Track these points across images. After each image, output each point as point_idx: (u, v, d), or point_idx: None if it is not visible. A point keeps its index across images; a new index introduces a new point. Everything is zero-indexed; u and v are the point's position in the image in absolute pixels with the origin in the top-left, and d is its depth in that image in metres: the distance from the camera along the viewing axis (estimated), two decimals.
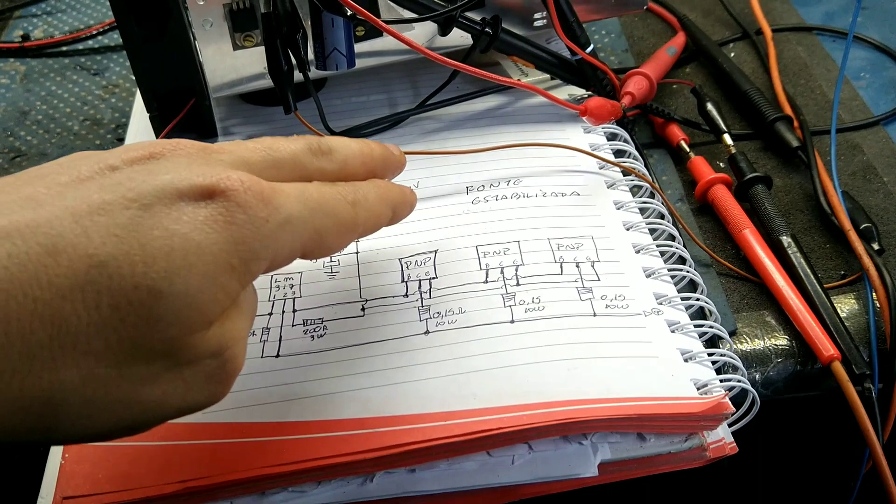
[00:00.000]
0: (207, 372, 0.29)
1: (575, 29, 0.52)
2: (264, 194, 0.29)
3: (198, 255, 0.27)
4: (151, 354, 0.27)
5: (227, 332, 0.29)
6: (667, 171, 0.54)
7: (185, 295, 0.27)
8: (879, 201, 0.51)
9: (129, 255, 0.26)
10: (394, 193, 0.38)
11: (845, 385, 0.41)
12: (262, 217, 0.29)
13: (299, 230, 0.31)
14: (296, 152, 0.34)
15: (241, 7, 0.47)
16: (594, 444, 0.37)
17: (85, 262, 0.26)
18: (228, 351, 0.29)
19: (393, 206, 0.38)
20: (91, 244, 0.26)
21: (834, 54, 0.64)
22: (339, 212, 0.33)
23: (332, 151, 0.35)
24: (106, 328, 0.26)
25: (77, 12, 0.72)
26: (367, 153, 0.38)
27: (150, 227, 0.27)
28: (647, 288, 0.42)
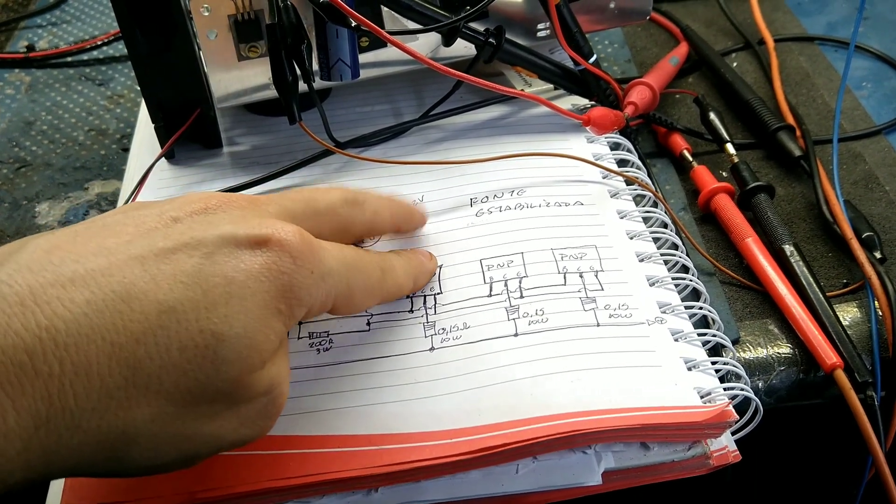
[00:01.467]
0: (259, 409, 0.31)
1: (578, 39, 0.52)
2: (310, 245, 0.32)
3: (253, 301, 0.30)
4: (216, 394, 0.29)
5: (277, 371, 0.31)
6: (670, 180, 0.54)
7: (244, 337, 0.29)
8: (881, 210, 0.51)
9: (193, 301, 0.29)
10: (416, 266, 0.42)
11: (848, 393, 0.41)
12: (308, 268, 0.32)
13: (335, 284, 0.34)
14: (332, 203, 0.37)
15: (245, 18, 0.48)
16: (598, 453, 0.37)
17: (155, 307, 0.28)
18: (277, 388, 0.32)
19: (415, 278, 0.42)
20: (160, 290, 0.28)
21: (836, 64, 0.64)
22: (370, 274, 0.37)
23: (365, 203, 0.39)
24: (176, 370, 0.28)
25: (82, 23, 0.73)
26: (395, 206, 0.42)
27: (212, 273, 0.29)
28: (650, 297, 0.43)
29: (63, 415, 0.26)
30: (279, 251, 0.31)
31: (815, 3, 0.71)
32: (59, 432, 0.26)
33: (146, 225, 0.31)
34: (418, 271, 0.42)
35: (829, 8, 0.71)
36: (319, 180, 0.51)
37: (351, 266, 0.35)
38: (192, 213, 0.32)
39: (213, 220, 0.32)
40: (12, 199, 0.55)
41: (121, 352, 0.27)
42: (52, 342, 0.26)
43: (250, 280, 0.30)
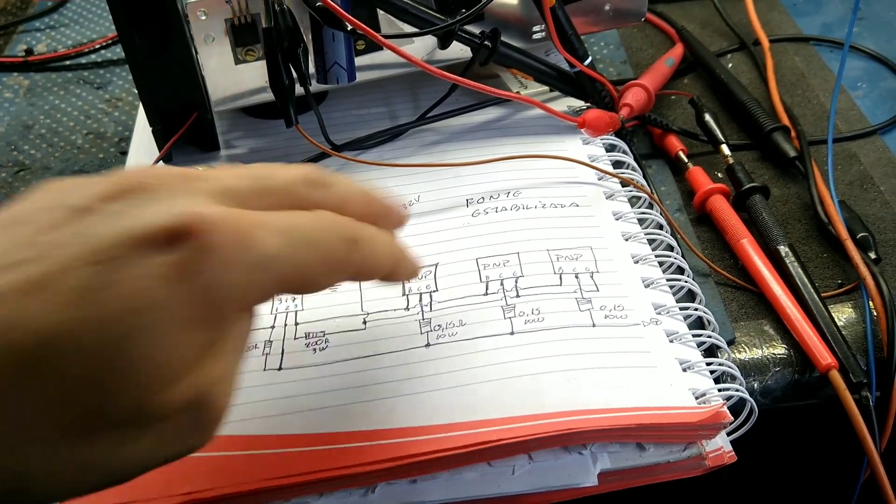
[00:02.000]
0: (183, 424, 0.27)
1: (573, 42, 0.52)
2: (239, 231, 0.27)
3: (158, 313, 0.25)
4: (114, 422, 0.26)
5: (201, 380, 0.27)
6: (665, 181, 0.54)
7: (142, 359, 0.25)
8: (876, 210, 0.51)
9: (83, 322, 0.24)
10: (399, 253, 0.35)
11: (843, 393, 0.41)
12: (235, 259, 0.27)
13: (279, 269, 0.28)
14: (290, 182, 0.31)
15: (242, 22, 0.48)
16: (594, 454, 0.38)
17: (33, 339, 0.24)
18: (205, 397, 0.27)
19: (395, 262, 0.34)
20: (45, 315, 0.24)
21: (831, 64, 0.64)
22: (332, 250, 0.30)
23: (333, 185, 0.32)
24: (63, 403, 0.25)
25: (80, 26, 0.73)
26: (371, 196, 0.35)
27: (108, 284, 0.25)
28: (645, 298, 0.43)
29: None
30: (196, 245, 0.26)
31: (811, 4, 0.71)
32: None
33: (44, 225, 0.26)
34: (401, 258, 0.35)
35: (825, 8, 0.71)
36: None
37: (302, 242, 0.29)
38: (105, 200, 0.27)
39: (123, 211, 0.27)
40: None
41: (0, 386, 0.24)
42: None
43: (157, 288, 0.25)
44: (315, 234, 0.30)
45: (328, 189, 0.32)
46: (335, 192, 0.32)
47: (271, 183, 0.30)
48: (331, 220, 0.31)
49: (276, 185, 0.31)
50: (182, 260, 0.26)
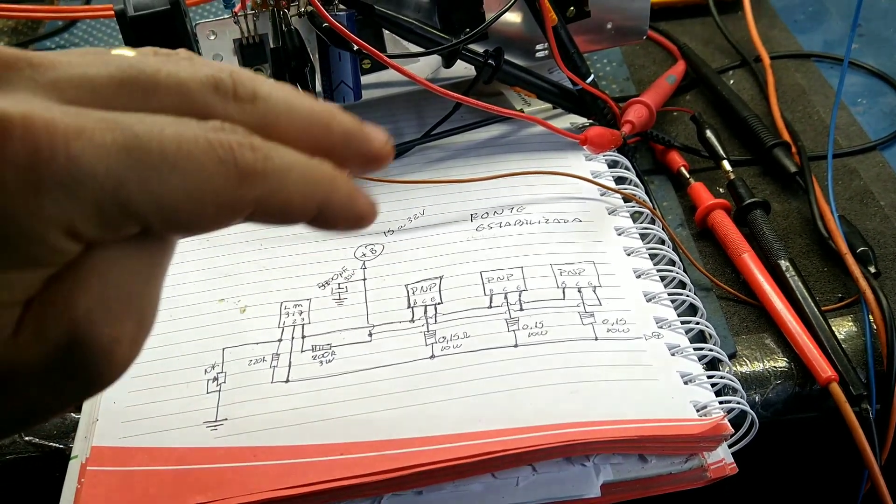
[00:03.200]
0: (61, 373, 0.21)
1: (575, 60, 0.53)
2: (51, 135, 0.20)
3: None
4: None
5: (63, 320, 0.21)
6: (667, 197, 0.55)
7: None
8: (876, 225, 0.52)
9: None
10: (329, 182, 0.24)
11: (843, 406, 0.42)
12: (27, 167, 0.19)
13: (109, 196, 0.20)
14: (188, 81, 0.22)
15: (250, 42, 0.49)
16: (597, 466, 0.38)
17: None
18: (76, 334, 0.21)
19: (321, 200, 0.24)
20: None
21: (832, 81, 0.65)
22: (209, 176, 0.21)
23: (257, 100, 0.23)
24: None
25: (91, 45, 0.74)
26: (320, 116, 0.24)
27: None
28: (647, 312, 0.43)
29: None
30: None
31: (812, 21, 0.72)
32: None
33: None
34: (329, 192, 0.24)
35: (825, 25, 0.72)
36: None
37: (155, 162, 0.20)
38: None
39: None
40: None
41: None
42: None
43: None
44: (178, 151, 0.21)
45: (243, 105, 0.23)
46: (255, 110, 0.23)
47: (157, 77, 0.22)
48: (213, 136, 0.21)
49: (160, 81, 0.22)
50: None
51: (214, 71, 0.23)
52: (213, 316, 0.45)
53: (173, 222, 0.22)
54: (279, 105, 0.24)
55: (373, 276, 0.46)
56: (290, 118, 0.24)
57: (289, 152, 0.23)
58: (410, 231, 0.49)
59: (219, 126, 0.22)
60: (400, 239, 0.48)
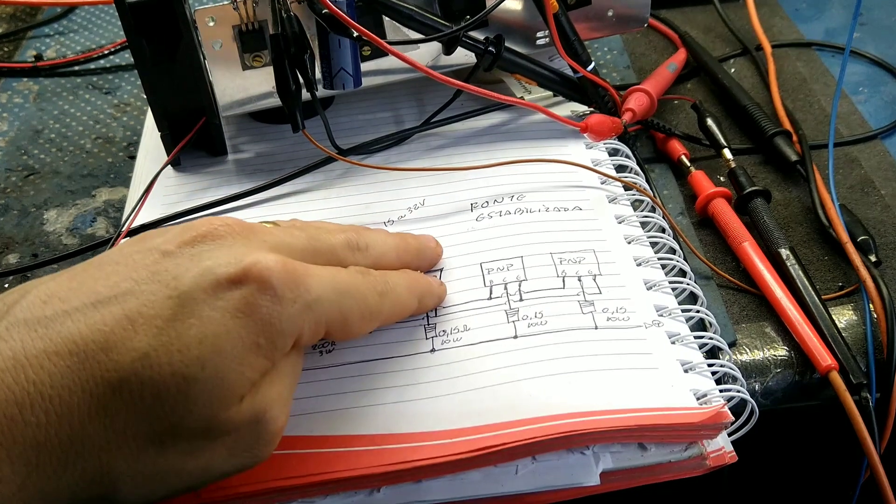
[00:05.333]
0: (247, 438, 0.32)
1: (576, 47, 0.53)
2: (294, 275, 0.33)
3: (227, 339, 0.31)
4: (191, 433, 0.30)
5: (261, 400, 0.32)
6: (668, 185, 0.55)
7: (214, 378, 0.30)
8: (877, 214, 0.52)
9: (167, 346, 0.30)
10: (421, 286, 0.41)
11: (843, 395, 0.42)
12: (289, 298, 0.32)
13: (325, 311, 0.34)
14: (335, 246, 0.37)
15: (249, 29, 0.48)
16: (596, 454, 0.38)
17: (131, 355, 0.29)
18: (265, 416, 0.32)
19: (419, 297, 0.41)
20: (136, 337, 0.30)
21: (833, 69, 0.65)
22: (366, 299, 0.36)
23: (369, 248, 0.39)
24: (150, 414, 0.30)
25: (89, 32, 0.74)
26: (402, 248, 0.42)
27: (188, 315, 0.30)
28: (647, 300, 0.43)
29: (51, 459, 0.29)
30: (258, 285, 0.31)
31: (813, 10, 0.72)
32: (48, 474, 0.29)
33: (137, 264, 0.32)
34: (424, 291, 0.41)
35: (827, 14, 0.71)
36: (322, 186, 0.51)
37: (343, 292, 0.35)
38: (183, 245, 0.33)
39: (199, 254, 0.33)
40: (21, 207, 0.56)
41: (99, 401, 0.29)
42: (38, 395, 0.29)
43: (226, 319, 0.31)
44: (353, 286, 0.36)
45: (364, 252, 0.39)
46: (370, 254, 0.39)
47: (319, 245, 0.37)
48: (363, 276, 0.37)
49: (323, 246, 0.37)
50: (246, 296, 0.31)
51: (345, 237, 0.38)
52: None
53: (347, 330, 0.36)
54: (380, 247, 0.40)
55: None
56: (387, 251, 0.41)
57: (394, 274, 0.39)
58: (411, 222, 0.49)
59: (361, 269, 0.38)
60: (400, 229, 0.48)
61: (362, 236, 0.39)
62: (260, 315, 0.31)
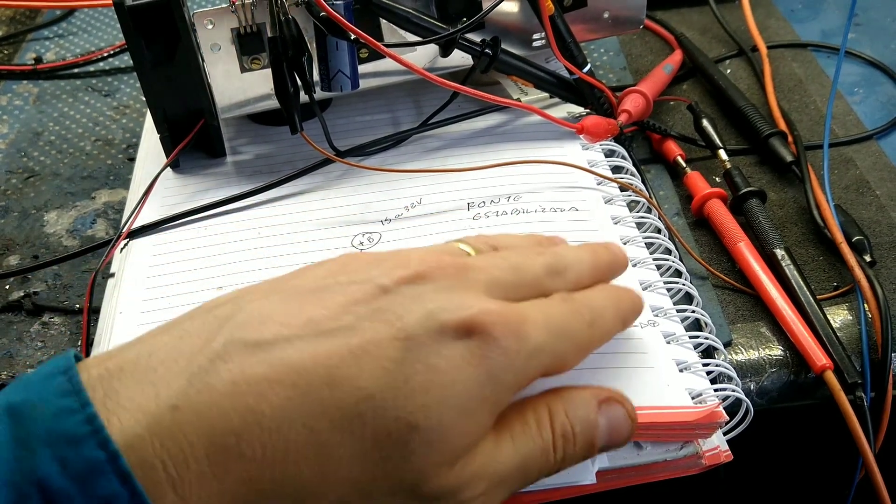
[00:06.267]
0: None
1: (572, 49, 0.53)
2: (516, 326, 0.31)
3: (453, 390, 0.29)
4: (398, 485, 0.29)
5: (471, 473, 0.30)
6: (663, 186, 0.55)
7: (437, 428, 0.29)
8: (872, 214, 0.52)
9: (393, 389, 0.28)
10: (626, 305, 0.38)
11: (838, 394, 0.42)
12: (514, 350, 0.31)
13: (544, 357, 0.32)
14: (538, 274, 0.35)
15: (248, 31, 0.49)
16: None
17: (356, 394, 0.28)
18: (466, 492, 0.30)
19: (624, 317, 0.38)
20: (363, 376, 0.28)
21: (828, 70, 0.65)
22: (579, 334, 0.34)
23: (567, 270, 0.36)
24: (365, 458, 0.28)
25: (88, 35, 0.74)
26: (597, 264, 0.38)
27: (414, 360, 0.29)
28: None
29: (258, 498, 0.27)
30: (484, 337, 0.30)
31: (809, 10, 0.72)
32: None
33: (355, 295, 0.31)
34: (628, 311, 0.38)
35: (822, 15, 0.72)
36: (321, 188, 0.52)
37: (559, 333, 0.33)
38: (401, 282, 0.31)
39: (420, 295, 0.31)
40: (21, 209, 0.57)
41: (317, 438, 0.28)
42: (257, 426, 0.27)
43: (453, 369, 0.29)
44: (566, 325, 0.33)
45: (564, 276, 0.36)
46: (570, 277, 0.36)
47: (525, 276, 0.35)
48: (573, 309, 0.34)
49: (528, 277, 0.35)
50: (474, 348, 0.30)
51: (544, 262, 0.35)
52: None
53: (559, 368, 0.33)
54: (577, 266, 0.37)
55: None
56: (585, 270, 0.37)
57: (598, 298, 0.36)
58: (407, 220, 0.49)
59: (565, 297, 0.35)
60: (397, 228, 0.48)
61: (560, 258, 0.36)
62: (487, 367, 0.30)
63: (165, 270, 0.47)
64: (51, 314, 0.49)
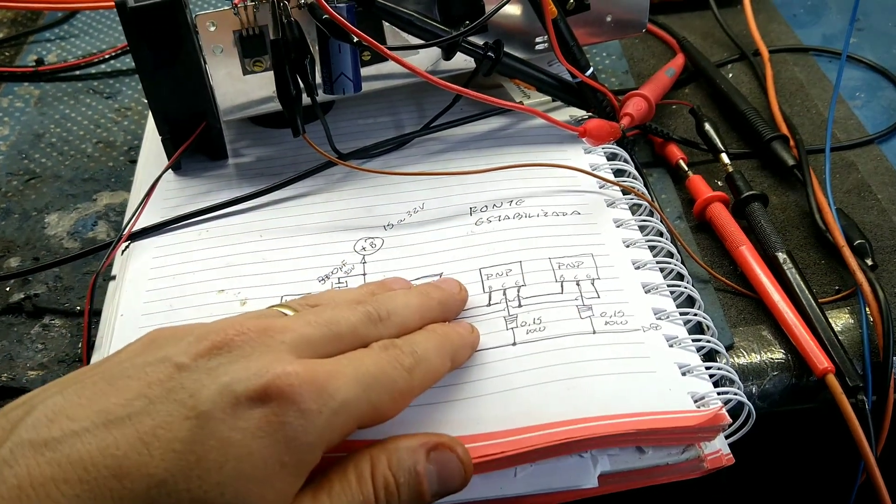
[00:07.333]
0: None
1: (575, 53, 0.53)
2: (319, 384, 0.31)
3: (249, 461, 0.29)
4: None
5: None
6: (666, 189, 0.55)
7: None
8: (873, 218, 0.52)
9: (185, 471, 0.28)
10: (453, 343, 0.38)
11: (839, 397, 0.42)
12: (315, 410, 0.30)
13: (354, 411, 0.32)
14: (355, 326, 0.35)
15: (250, 34, 0.49)
16: (594, 457, 0.38)
17: (146, 481, 0.27)
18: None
19: (452, 356, 0.38)
20: (153, 462, 0.28)
21: (830, 75, 0.65)
22: (396, 381, 0.34)
23: (391, 316, 0.36)
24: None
25: (90, 37, 0.74)
26: (426, 306, 0.39)
27: (207, 437, 0.28)
28: (645, 303, 0.43)
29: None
30: (281, 402, 0.30)
31: (811, 15, 0.72)
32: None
33: (150, 378, 0.30)
34: (456, 347, 0.38)
35: (824, 20, 0.72)
36: (322, 190, 0.52)
37: (371, 384, 0.33)
38: (199, 356, 0.31)
39: (217, 367, 0.31)
40: (22, 210, 0.57)
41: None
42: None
43: (248, 439, 0.29)
44: (380, 374, 0.33)
45: (386, 322, 0.36)
46: (393, 323, 0.36)
47: (339, 329, 0.34)
48: (391, 357, 0.34)
49: (343, 329, 0.34)
50: (269, 415, 0.29)
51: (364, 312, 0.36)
52: (212, 307, 0.45)
53: (379, 419, 0.33)
54: (402, 311, 0.37)
55: (372, 270, 0.46)
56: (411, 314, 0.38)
57: (421, 340, 0.36)
58: (410, 226, 0.49)
59: (384, 345, 0.35)
60: (399, 233, 0.48)
61: (382, 305, 0.37)
62: (285, 432, 0.29)
63: (166, 273, 0.47)
64: (51, 316, 0.49)
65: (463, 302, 0.42)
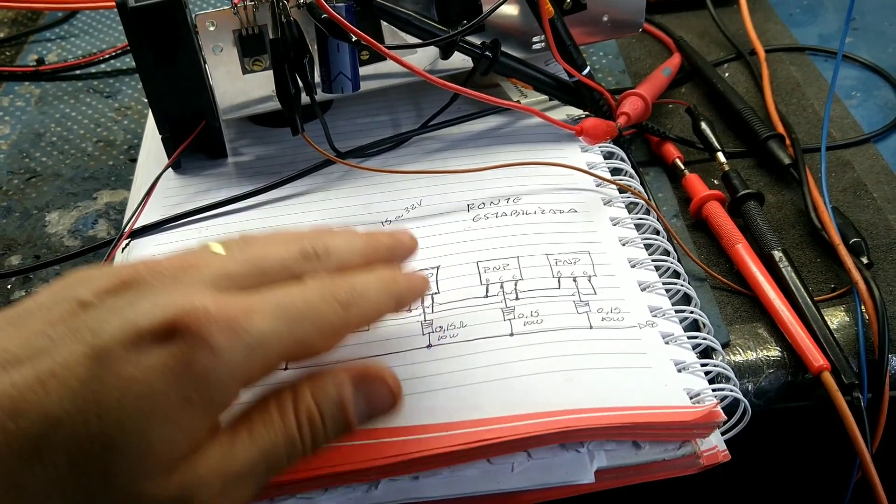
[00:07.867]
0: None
1: (571, 52, 0.53)
2: (230, 318, 0.29)
3: (151, 399, 0.27)
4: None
5: (194, 474, 0.28)
6: (662, 188, 0.55)
7: (137, 444, 0.27)
8: (869, 217, 0.53)
9: (83, 409, 0.27)
10: (398, 284, 0.36)
11: (835, 395, 0.42)
12: (226, 346, 0.28)
13: (274, 346, 0.30)
14: (286, 260, 0.33)
15: (249, 33, 0.49)
16: (591, 452, 0.38)
17: (42, 421, 0.26)
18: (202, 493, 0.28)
19: (397, 297, 0.36)
20: (49, 401, 0.26)
21: (826, 74, 0.65)
22: (327, 316, 0.32)
23: (330, 254, 0.34)
24: (64, 485, 0.27)
25: (90, 37, 0.74)
26: (372, 247, 0.37)
27: (106, 375, 0.27)
28: (642, 301, 0.44)
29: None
30: (188, 337, 0.28)
31: (807, 14, 0.73)
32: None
33: (53, 317, 0.29)
34: (402, 289, 0.36)
35: (820, 19, 0.72)
36: (321, 189, 0.52)
37: (296, 317, 0.31)
38: (103, 294, 0.29)
39: (118, 305, 0.29)
40: (23, 209, 0.57)
41: (7, 472, 0.26)
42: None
43: (150, 377, 0.27)
44: (308, 308, 0.31)
45: (324, 259, 0.34)
46: (332, 260, 0.34)
47: (266, 263, 0.33)
48: (319, 289, 0.32)
49: (271, 264, 0.33)
50: (174, 353, 0.28)
51: (299, 247, 0.34)
52: None
53: (308, 354, 0.32)
54: (344, 249, 0.35)
55: None
56: (353, 254, 0.35)
57: (362, 277, 0.34)
58: (408, 221, 0.49)
59: (319, 280, 0.33)
60: (398, 228, 0.49)
61: (321, 241, 0.35)
62: (193, 370, 0.28)
63: None
64: None
65: (413, 248, 0.39)
